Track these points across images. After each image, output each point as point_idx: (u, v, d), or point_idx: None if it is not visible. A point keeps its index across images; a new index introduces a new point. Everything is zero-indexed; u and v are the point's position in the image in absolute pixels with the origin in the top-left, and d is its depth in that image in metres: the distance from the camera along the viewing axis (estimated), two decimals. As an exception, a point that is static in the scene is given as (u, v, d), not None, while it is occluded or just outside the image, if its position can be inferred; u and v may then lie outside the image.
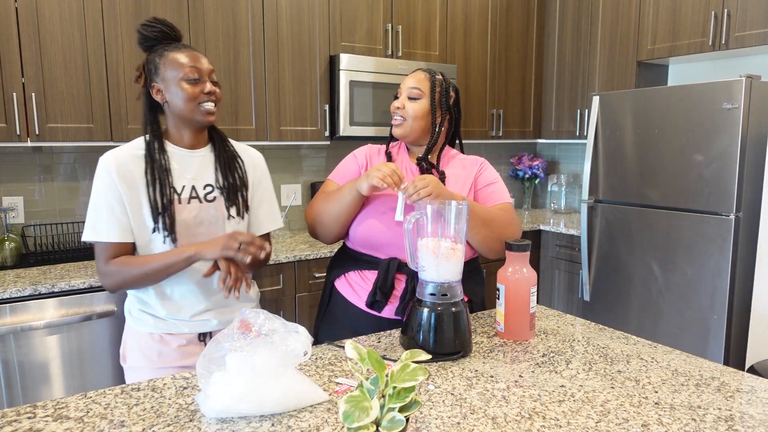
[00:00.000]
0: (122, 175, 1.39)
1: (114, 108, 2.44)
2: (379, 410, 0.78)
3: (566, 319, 1.57)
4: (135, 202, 1.40)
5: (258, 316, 1.07)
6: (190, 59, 1.40)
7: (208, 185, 1.47)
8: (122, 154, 1.41)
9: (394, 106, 1.57)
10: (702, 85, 2.55)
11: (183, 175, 1.45)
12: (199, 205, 1.45)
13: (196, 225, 1.44)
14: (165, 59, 1.40)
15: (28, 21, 2.24)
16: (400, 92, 1.58)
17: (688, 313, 2.66)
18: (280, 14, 2.82)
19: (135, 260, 1.39)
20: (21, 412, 1.03)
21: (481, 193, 1.60)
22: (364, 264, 1.55)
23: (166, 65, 1.39)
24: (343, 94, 2.95)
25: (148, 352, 1.47)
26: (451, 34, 3.42)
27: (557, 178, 4.04)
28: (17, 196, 2.58)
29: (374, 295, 1.50)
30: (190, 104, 1.39)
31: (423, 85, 1.55)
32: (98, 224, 1.38)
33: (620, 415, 1.02)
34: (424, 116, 1.55)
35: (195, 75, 1.39)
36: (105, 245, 1.39)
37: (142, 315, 1.48)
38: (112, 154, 1.40)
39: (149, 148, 1.42)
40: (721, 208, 2.51)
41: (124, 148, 1.43)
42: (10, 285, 2.06)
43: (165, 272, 1.39)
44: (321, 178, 3.36)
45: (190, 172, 1.46)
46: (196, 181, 1.46)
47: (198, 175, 1.47)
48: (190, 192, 1.44)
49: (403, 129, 1.56)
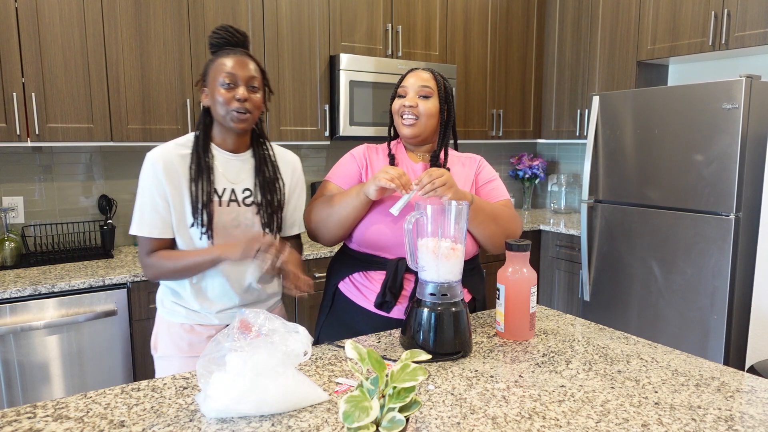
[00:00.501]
0: (168, 172, 1.43)
1: (114, 108, 2.44)
2: (379, 410, 0.78)
3: (566, 319, 1.57)
4: (178, 198, 1.44)
5: (258, 316, 1.07)
6: (230, 64, 1.41)
7: (247, 189, 1.51)
8: (169, 151, 1.45)
9: (405, 105, 1.53)
10: (702, 85, 2.55)
11: (224, 178, 1.49)
12: (237, 208, 1.49)
13: (234, 227, 1.48)
14: (212, 64, 1.44)
15: (28, 21, 2.24)
16: (404, 91, 1.55)
17: (688, 313, 2.66)
18: (280, 14, 2.82)
19: (170, 256, 1.44)
20: (21, 412, 1.03)
21: (482, 191, 1.61)
22: (370, 265, 1.54)
23: (210, 70, 1.44)
24: (343, 94, 2.95)
25: (179, 342, 1.52)
26: (451, 34, 3.42)
27: (557, 178, 4.04)
28: (17, 196, 2.58)
29: (383, 296, 1.49)
30: (223, 109, 1.41)
31: (432, 84, 1.54)
32: (142, 219, 1.43)
33: (620, 415, 1.02)
34: (436, 114, 1.55)
35: (228, 80, 1.40)
36: (147, 239, 1.44)
37: (175, 307, 1.53)
38: (159, 152, 1.44)
39: (196, 147, 1.46)
40: (721, 208, 2.51)
41: (170, 145, 1.46)
42: (10, 285, 2.06)
43: (195, 270, 1.44)
44: (321, 178, 3.36)
45: (230, 176, 1.50)
46: (235, 185, 1.50)
47: (238, 178, 1.51)
48: (230, 195, 1.49)
49: (417, 128, 1.53)
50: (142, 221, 1.44)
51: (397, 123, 1.58)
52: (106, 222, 2.67)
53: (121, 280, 2.20)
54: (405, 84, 1.56)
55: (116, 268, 2.33)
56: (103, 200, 2.69)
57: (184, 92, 2.60)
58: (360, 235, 1.53)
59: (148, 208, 1.43)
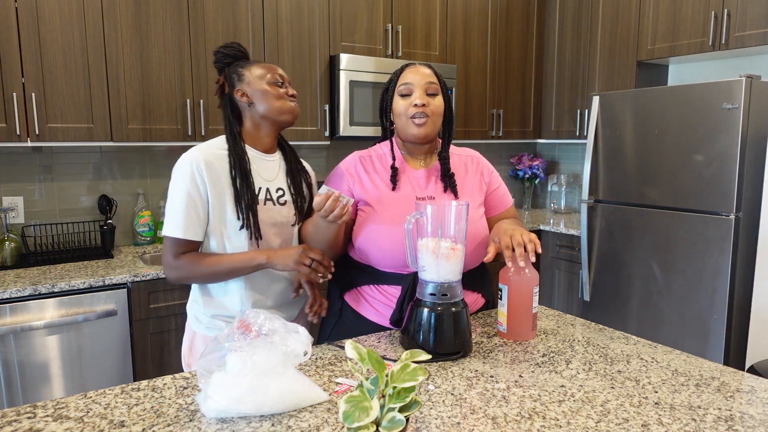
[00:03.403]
0: (210, 172, 1.43)
1: (114, 108, 2.44)
2: (379, 410, 0.78)
3: (566, 319, 1.57)
4: (220, 199, 1.44)
5: (258, 316, 1.07)
6: (273, 68, 1.52)
7: (280, 189, 1.54)
8: (208, 152, 1.45)
9: (415, 104, 1.44)
10: (702, 85, 2.55)
11: (259, 177, 1.51)
12: (273, 207, 1.51)
13: (270, 226, 1.50)
14: (250, 67, 1.51)
15: (28, 21, 2.24)
16: (408, 89, 1.46)
17: (688, 313, 2.66)
18: (280, 14, 2.82)
19: (206, 258, 1.43)
20: (21, 412, 1.03)
21: (495, 195, 1.61)
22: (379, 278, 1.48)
23: (252, 71, 1.50)
24: (343, 94, 2.95)
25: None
26: (451, 34, 3.42)
27: (557, 178, 4.04)
28: (17, 196, 2.58)
29: (400, 312, 1.44)
30: (278, 102, 1.48)
31: (435, 79, 1.49)
32: (179, 220, 1.42)
33: (620, 415, 1.02)
34: (443, 112, 1.51)
35: (280, 80, 1.50)
36: (179, 241, 1.43)
37: (214, 321, 1.51)
38: (200, 152, 1.44)
39: (234, 148, 1.47)
40: (721, 208, 2.51)
41: (206, 147, 1.46)
42: (10, 285, 2.06)
43: (233, 274, 1.44)
44: (321, 178, 3.36)
45: (265, 175, 1.52)
46: (270, 184, 1.52)
47: (271, 178, 1.53)
48: (265, 194, 1.50)
49: (428, 127, 1.46)
50: (178, 222, 1.42)
51: (404, 124, 1.47)
52: (106, 222, 2.67)
53: (121, 280, 2.20)
54: (407, 81, 1.46)
55: (116, 268, 2.33)
56: (103, 200, 2.69)
57: (184, 92, 2.60)
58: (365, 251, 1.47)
59: (186, 208, 1.42)
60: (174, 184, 1.44)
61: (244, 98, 1.49)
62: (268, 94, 1.48)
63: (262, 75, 1.49)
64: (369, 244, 1.45)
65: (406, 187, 1.51)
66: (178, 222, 1.42)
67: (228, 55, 1.55)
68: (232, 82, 1.52)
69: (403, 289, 1.44)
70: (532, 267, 1.40)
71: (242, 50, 1.57)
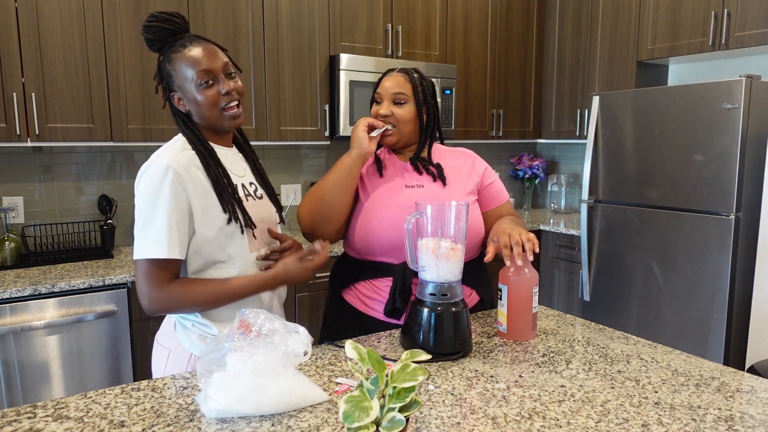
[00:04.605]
0: (188, 178, 1.24)
1: (114, 108, 2.44)
2: (379, 410, 0.78)
3: (566, 319, 1.57)
4: (205, 205, 1.26)
5: (258, 316, 1.07)
6: (198, 60, 1.25)
7: (252, 183, 1.43)
8: (177, 157, 1.25)
9: (380, 114, 1.50)
10: (702, 85, 2.55)
11: (231, 174, 1.36)
12: (255, 202, 1.40)
13: (258, 222, 1.37)
14: (174, 65, 1.27)
15: (28, 21, 2.24)
16: (380, 97, 1.52)
17: (688, 313, 2.66)
18: (280, 14, 2.82)
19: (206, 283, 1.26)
20: (21, 412, 1.03)
21: (490, 189, 1.62)
22: (374, 272, 1.51)
23: (177, 72, 1.27)
24: (343, 94, 2.95)
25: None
26: (451, 34, 3.41)
27: (557, 178, 4.04)
28: (17, 196, 2.58)
29: (393, 303, 1.45)
30: (213, 111, 1.28)
31: (405, 89, 1.50)
32: (161, 238, 1.19)
33: (620, 415, 1.02)
34: (413, 119, 1.52)
35: (206, 78, 1.25)
36: (166, 263, 1.21)
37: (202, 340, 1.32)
38: (169, 159, 1.23)
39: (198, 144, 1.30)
40: (721, 208, 2.51)
41: (171, 153, 1.26)
42: (10, 285, 2.06)
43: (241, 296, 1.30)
44: (321, 178, 3.36)
45: (235, 171, 1.39)
46: (242, 179, 1.40)
47: (242, 173, 1.41)
48: (243, 190, 1.37)
49: (394, 137, 1.52)
50: (162, 240, 1.19)
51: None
52: (106, 222, 2.67)
53: (121, 280, 2.20)
54: (380, 90, 1.52)
55: (116, 268, 2.33)
56: (103, 200, 2.69)
57: (184, 92, 2.60)
58: (358, 241, 1.50)
59: (169, 224, 1.20)
60: (148, 198, 1.21)
61: (181, 105, 1.30)
62: (198, 104, 1.27)
63: (190, 77, 1.25)
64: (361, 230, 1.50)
65: (394, 176, 1.56)
66: (161, 240, 1.19)
67: (152, 40, 1.28)
68: (167, 83, 1.30)
69: (394, 280, 1.47)
70: (532, 267, 1.40)
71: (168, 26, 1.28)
